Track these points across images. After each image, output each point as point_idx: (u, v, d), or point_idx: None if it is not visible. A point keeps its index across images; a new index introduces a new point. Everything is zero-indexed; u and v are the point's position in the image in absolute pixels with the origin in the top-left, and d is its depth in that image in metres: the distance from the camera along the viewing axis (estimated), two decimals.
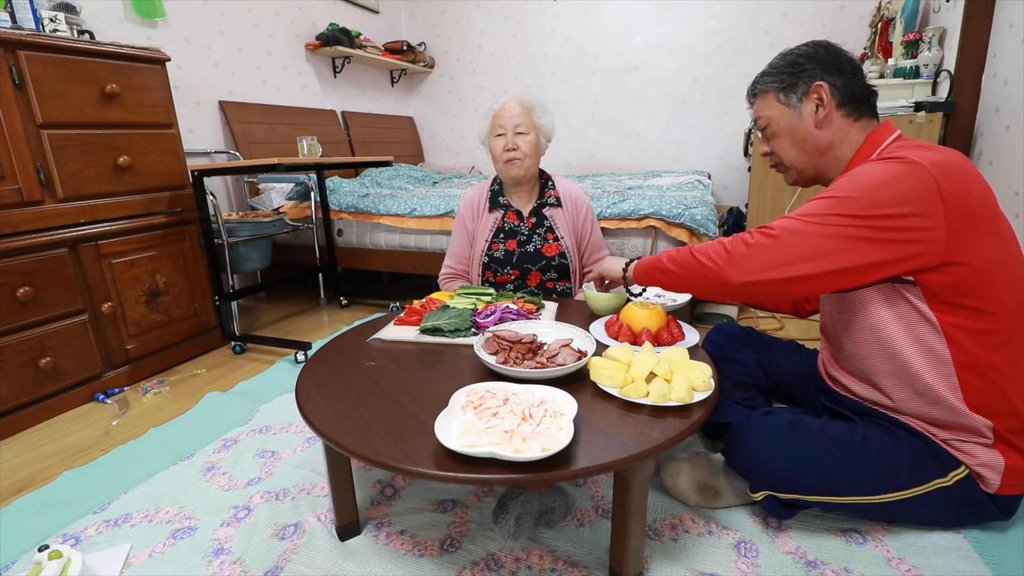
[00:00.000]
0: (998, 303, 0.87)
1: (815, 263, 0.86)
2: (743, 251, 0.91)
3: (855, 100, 0.98)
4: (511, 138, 1.58)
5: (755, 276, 0.89)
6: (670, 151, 3.98)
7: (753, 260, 0.90)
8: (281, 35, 3.23)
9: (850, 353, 1.03)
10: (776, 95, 1.03)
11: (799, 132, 1.02)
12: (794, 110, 1.01)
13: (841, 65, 0.98)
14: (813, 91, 0.99)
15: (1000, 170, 2.01)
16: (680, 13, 3.71)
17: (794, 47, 1.04)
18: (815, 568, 0.98)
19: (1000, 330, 0.88)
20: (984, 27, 2.16)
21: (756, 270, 0.89)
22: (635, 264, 1.15)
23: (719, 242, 0.96)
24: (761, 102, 1.07)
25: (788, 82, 1.01)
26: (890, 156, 0.89)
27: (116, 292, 1.86)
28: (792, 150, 1.05)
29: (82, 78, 1.74)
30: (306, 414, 0.91)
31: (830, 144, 1.00)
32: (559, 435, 0.77)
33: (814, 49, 1.01)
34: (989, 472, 0.93)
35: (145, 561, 1.05)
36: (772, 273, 0.88)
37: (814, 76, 0.98)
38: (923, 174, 0.82)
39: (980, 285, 0.86)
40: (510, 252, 1.67)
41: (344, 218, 2.79)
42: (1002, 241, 0.87)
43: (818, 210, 0.89)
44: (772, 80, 1.04)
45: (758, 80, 1.07)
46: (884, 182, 0.84)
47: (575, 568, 0.99)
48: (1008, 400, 0.91)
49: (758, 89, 1.07)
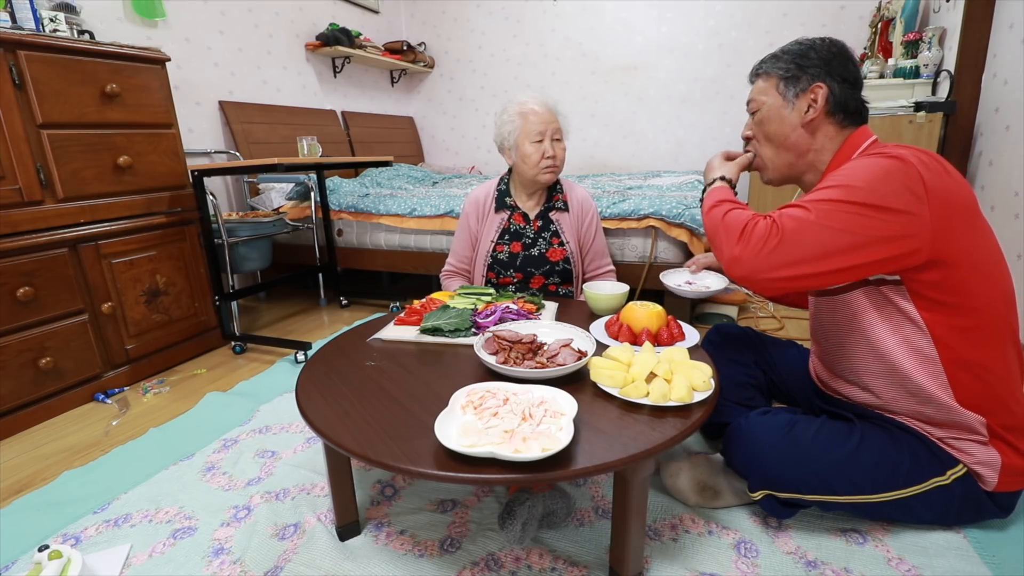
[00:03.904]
0: (980, 298, 0.88)
1: (839, 257, 0.83)
2: (772, 244, 0.86)
3: (846, 111, 0.98)
4: (549, 145, 1.55)
5: (777, 272, 0.86)
6: (670, 151, 3.98)
7: (778, 255, 0.85)
8: (281, 35, 3.23)
9: (839, 357, 1.04)
10: (778, 82, 1.02)
11: (785, 127, 1.01)
12: (788, 103, 1.01)
13: (846, 73, 0.98)
14: (811, 91, 0.98)
15: (1000, 170, 2.01)
16: (680, 13, 3.71)
17: (812, 38, 1.02)
18: (815, 568, 0.98)
19: (982, 326, 0.89)
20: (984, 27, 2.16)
21: (778, 266, 0.85)
22: (714, 187, 1.06)
23: (745, 219, 0.90)
24: (762, 83, 1.05)
25: (793, 72, 1.00)
26: (876, 153, 0.89)
27: (116, 292, 1.86)
28: (770, 147, 1.04)
29: (82, 78, 1.74)
30: (306, 414, 0.91)
31: (809, 147, 1.00)
32: (559, 435, 0.77)
33: (828, 47, 0.99)
34: (986, 470, 0.94)
35: (145, 561, 1.05)
36: (794, 269, 0.85)
37: (817, 75, 0.98)
38: (911, 168, 0.83)
39: (963, 281, 0.86)
40: (514, 254, 1.66)
41: (344, 218, 2.79)
42: (981, 237, 0.89)
43: (827, 197, 0.86)
44: (780, 65, 1.02)
45: (767, 59, 1.05)
46: (880, 176, 0.84)
47: (575, 568, 0.99)
48: (998, 396, 0.92)
49: (763, 69, 1.05)
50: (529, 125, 1.55)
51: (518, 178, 1.67)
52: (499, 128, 1.62)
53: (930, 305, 0.89)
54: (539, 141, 1.55)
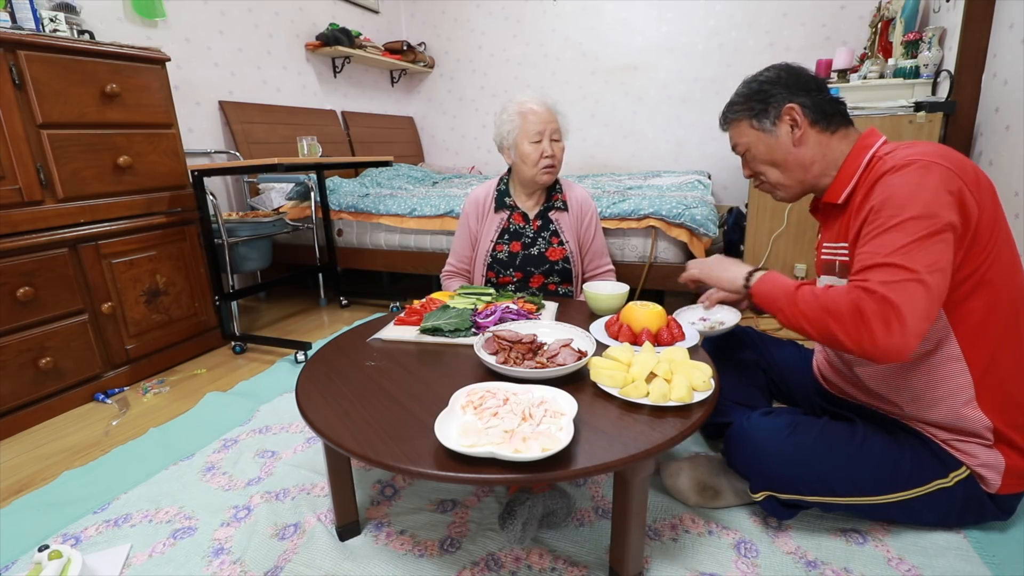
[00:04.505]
0: (1001, 289, 0.87)
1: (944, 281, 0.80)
2: (901, 312, 0.77)
3: (827, 115, 0.99)
4: (548, 145, 1.56)
5: (925, 327, 0.79)
6: (670, 151, 3.98)
7: (908, 317, 0.78)
8: (281, 35, 3.23)
9: (857, 362, 1.03)
10: (749, 122, 1.04)
11: (779, 153, 1.02)
12: (769, 134, 1.02)
13: (806, 85, 0.99)
14: (785, 113, 0.99)
15: (1000, 170, 2.01)
16: (680, 13, 3.71)
17: (756, 74, 1.05)
18: (815, 568, 0.98)
19: (1001, 319, 0.89)
20: (984, 27, 2.16)
21: (917, 323, 0.78)
22: (759, 280, 1.00)
23: (852, 306, 0.82)
24: (735, 130, 1.08)
25: (758, 108, 1.02)
26: (900, 165, 0.87)
27: (116, 292, 1.86)
28: (776, 171, 1.05)
29: (82, 78, 1.74)
30: (306, 414, 0.91)
31: (812, 159, 1.01)
32: (559, 435, 0.77)
33: (776, 74, 1.02)
34: (990, 472, 0.93)
35: (145, 561, 1.05)
36: (931, 319, 0.80)
37: (783, 99, 0.99)
38: (940, 169, 0.83)
39: (989, 271, 0.86)
40: (514, 254, 1.67)
41: (344, 218, 2.79)
42: (1001, 223, 0.88)
43: (903, 241, 0.80)
44: (741, 108, 1.04)
45: (727, 110, 1.08)
46: (922, 189, 0.82)
47: (575, 568, 0.99)
48: (1009, 394, 0.92)
49: (730, 117, 1.08)
50: (528, 125, 1.55)
51: (517, 178, 1.67)
52: (498, 127, 1.62)
53: (960, 298, 0.87)
54: (538, 141, 1.55)
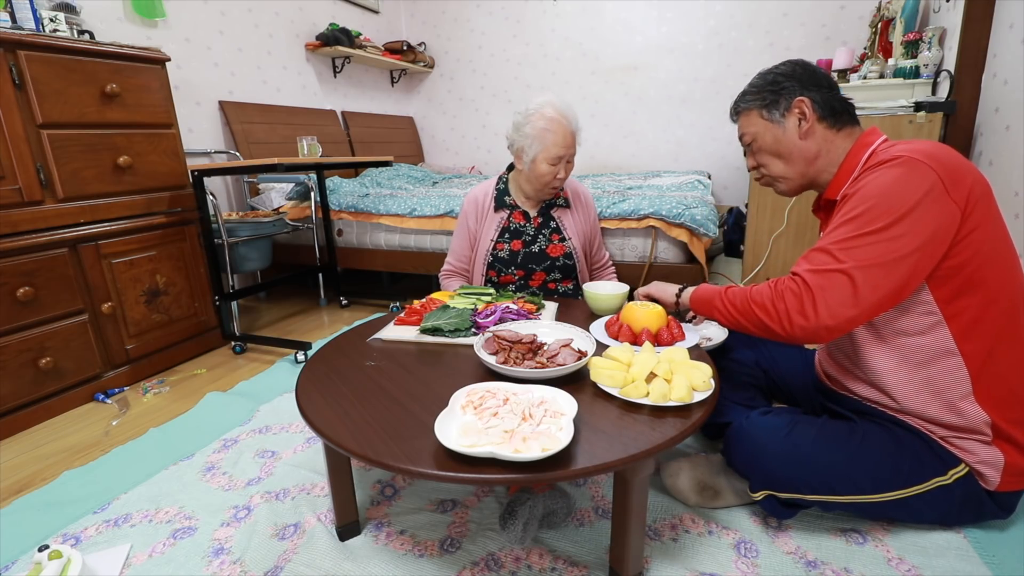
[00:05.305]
0: (997, 284, 0.88)
1: (885, 284, 0.85)
2: (813, 296, 0.87)
3: (835, 112, 1.01)
4: (563, 169, 1.54)
5: (843, 315, 0.86)
6: (670, 151, 3.98)
7: (821, 303, 0.87)
8: (281, 35, 3.23)
9: (859, 358, 1.03)
10: (759, 112, 1.06)
11: (785, 145, 1.04)
12: (778, 125, 1.04)
13: (818, 81, 1.02)
14: (795, 106, 1.01)
15: (1000, 170, 2.01)
16: (680, 13, 3.71)
17: (772, 67, 1.07)
18: (815, 568, 0.98)
19: (998, 316, 0.89)
20: (984, 27, 2.16)
21: (832, 310, 0.86)
22: (691, 292, 1.13)
23: (774, 291, 0.93)
24: (745, 119, 1.09)
25: (770, 99, 1.04)
26: (883, 161, 0.90)
27: (116, 292, 1.86)
28: (780, 163, 1.07)
29: (82, 78, 1.74)
30: (306, 414, 0.91)
31: (817, 153, 1.02)
32: (559, 435, 0.77)
33: (791, 68, 1.04)
34: (989, 469, 0.94)
35: (145, 561, 1.05)
36: (855, 309, 0.86)
37: (794, 92, 1.02)
38: (920, 166, 0.85)
39: (980, 269, 0.87)
40: (515, 252, 1.67)
41: (344, 218, 2.79)
42: (997, 222, 0.89)
43: (846, 235, 0.87)
44: (754, 98, 1.07)
45: (740, 99, 1.10)
46: (891, 186, 0.85)
47: (575, 568, 0.99)
48: (1011, 388, 0.92)
49: (741, 107, 1.10)
50: (549, 148, 1.50)
51: (520, 179, 1.66)
52: (518, 130, 1.55)
53: (952, 300, 0.88)
54: (555, 164, 1.53)
